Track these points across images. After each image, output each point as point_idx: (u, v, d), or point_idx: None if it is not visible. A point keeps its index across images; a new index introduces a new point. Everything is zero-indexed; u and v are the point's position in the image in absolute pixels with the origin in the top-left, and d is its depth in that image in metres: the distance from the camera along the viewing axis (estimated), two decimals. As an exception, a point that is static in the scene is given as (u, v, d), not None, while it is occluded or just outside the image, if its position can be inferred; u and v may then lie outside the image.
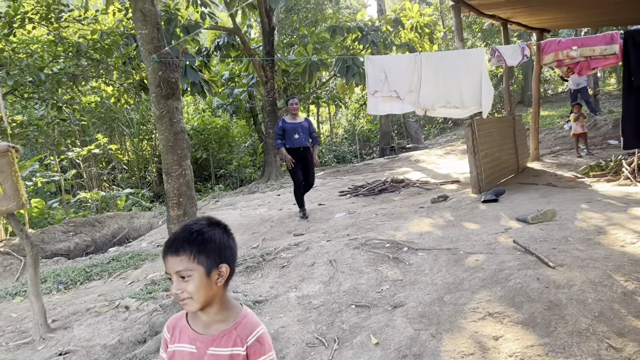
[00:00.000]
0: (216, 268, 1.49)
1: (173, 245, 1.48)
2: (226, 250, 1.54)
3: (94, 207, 12.05)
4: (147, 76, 4.01)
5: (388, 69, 5.61)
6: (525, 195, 6.45)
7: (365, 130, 24.41)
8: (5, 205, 3.31)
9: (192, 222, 1.56)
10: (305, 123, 7.15)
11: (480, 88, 5.63)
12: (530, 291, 3.43)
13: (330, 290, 4.20)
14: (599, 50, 4.97)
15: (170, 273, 1.48)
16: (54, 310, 5.04)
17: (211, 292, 1.49)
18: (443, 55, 6.06)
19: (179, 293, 1.46)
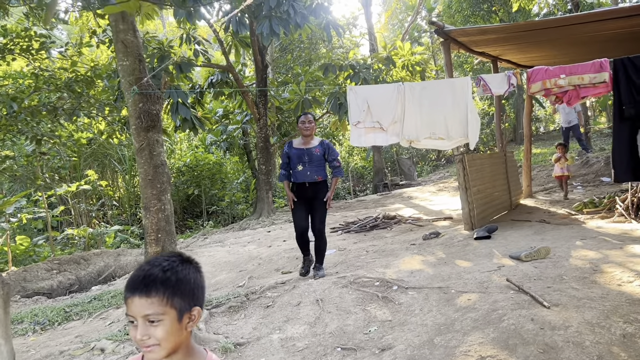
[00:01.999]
0: (188, 311, 1.34)
1: (142, 284, 1.30)
2: (199, 292, 1.39)
3: (81, 244, 11.79)
4: (128, 108, 3.92)
5: (371, 99, 5.53)
6: (519, 232, 6.31)
7: (359, 167, 24.40)
8: None
9: (162, 258, 1.38)
10: (319, 149, 5.27)
11: (467, 118, 5.54)
12: (524, 333, 3.25)
13: (315, 331, 3.99)
14: (588, 78, 4.92)
15: (134, 316, 1.29)
16: (27, 352, 4.79)
17: (180, 338, 1.33)
18: (427, 84, 6.00)
19: (145, 339, 1.28)
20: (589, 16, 6.77)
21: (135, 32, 3.84)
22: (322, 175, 5.29)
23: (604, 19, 6.49)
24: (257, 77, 13.84)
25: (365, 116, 5.52)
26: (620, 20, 6.37)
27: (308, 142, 5.34)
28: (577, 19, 6.75)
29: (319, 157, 5.29)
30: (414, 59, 14.62)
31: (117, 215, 16.15)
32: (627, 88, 4.26)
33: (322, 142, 5.38)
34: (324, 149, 5.32)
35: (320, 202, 5.28)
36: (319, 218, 5.36)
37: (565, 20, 6.71)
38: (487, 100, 22.54)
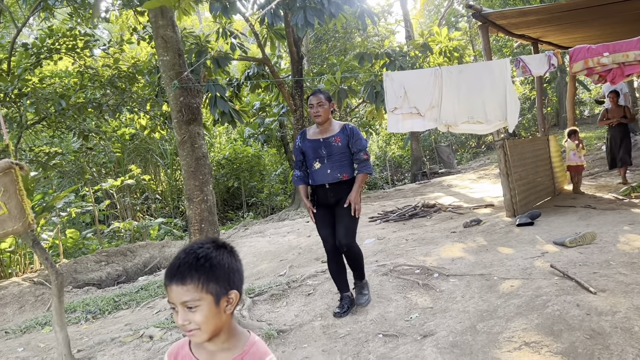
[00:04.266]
0: (225, 295, 1.38)
1: (178, 273, 1.35)
2: (235, 275, 1.42)
3: (127, 236, 12.19)
4: (169, 102, 4.02)
5: (407, 85, 5.45)
6: (563, 218, 6.16)
7: (396, 156, 24.24)
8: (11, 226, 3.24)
9: (197, 245, 1.42)
10: (340, 137, 3.97)
11: (506, 101, 5.39)
12: (569, 318, 3.19)
13: (356, 318, 4.03)
14: (633, 55, 4.72)
15: (174, 303, 1.35)
16: (81, 340, 5.01)
17: (220, 321, 1.38)
18: (465, 68, 5.86)
19: (186, 324, 1.34)
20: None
21: (175, 27, 3.93)
22: (347, 173, 3.98)
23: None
24: (292, 68, 13.89)
25: (402, 102, 5.46)
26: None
27: (325, 131, 4.03)
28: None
29: (340, 149, 3.97)
30: (451, 45, 14.38)
31: (160, 208, 16.60)
32: None
33: (345, 128, 4.02)
34: (347, 136, 3.98)
35: (345, 208, 3.93)
36: (344, 229, 3.94)
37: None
38: (528, 85, 21.94)
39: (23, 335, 5.45)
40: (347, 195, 3.94)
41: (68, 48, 7.05)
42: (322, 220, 4.08)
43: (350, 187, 3.98)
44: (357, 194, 3.93)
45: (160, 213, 16.00)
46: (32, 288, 7.36)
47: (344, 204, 3.93)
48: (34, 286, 7.46)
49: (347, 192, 3.96)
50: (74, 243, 10.74)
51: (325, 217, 4.07)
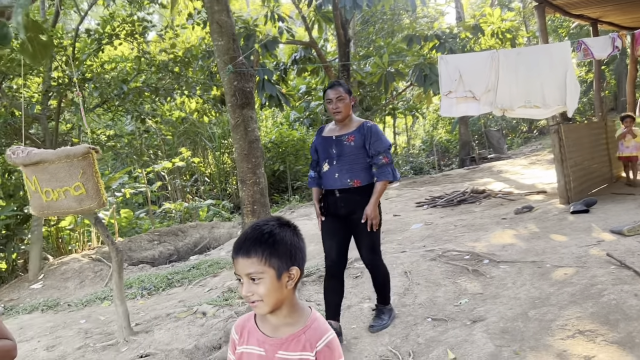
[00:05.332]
0: (287, 271, 1.45)
1: (244, 247, 1.44)
2: (297, 252, 1.49)
3: (177, 217, 12.58)
4: (224, 86, 4.11)
5: (463, 68, 5.35)
6: (620, 206, 5.94)
7: (443, 141, 23.86)
8: (88, 204, 3.49)
9: (262, 222, 1.51)
10: (354, 136, 3.44)
11: (565, 84, 5.22)
12: (627, 308, 3.12)
13: (405, 302, 4.05)
14: None
15: (240, 275, 1.45)
16: (138, 314, 5.25)
17: (281, 295, 1.45)
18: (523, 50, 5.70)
19: (249, 295, 1.43)
20: None
21: (229, 12, 4.00)
22: (360, 179, 3.41)
23: None
24: (339, 51, 13.83)
25: (457, 85, 5.37)
26: None
27: (342, 128, 3.53)
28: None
29: (353, 150, 3.43)
30: (503, 26, 13.95)
31: (209, 190, 17.01)
32: None
33: (363, 126, 3.48)
34: (363, 135, 3.43)
35: (363, 223, 3.40)
36: (366, 245, 3.52)
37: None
38: (585, 67, 21.06)
39: (84, 309, 5.76)
40: (361, 208, 3.39)
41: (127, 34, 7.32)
42: (328, 230, 3.56)
43: (364, 197, 3.40)
44: (374, 207, 3.36)
45: (209, 195, 16.40)
46: (91, 264, 7.74)
47: (358, 218, 3.41)
48: (93, 262, 7.84)
49: (361, 203, 3.40)
50: (128, 222, 11.19)
51: (333, 228, 3.52)
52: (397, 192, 11.52)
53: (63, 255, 8.57)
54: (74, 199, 3.55)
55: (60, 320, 5.32)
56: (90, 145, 3.39)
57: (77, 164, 3.49)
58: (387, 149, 3.48)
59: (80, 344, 4.46)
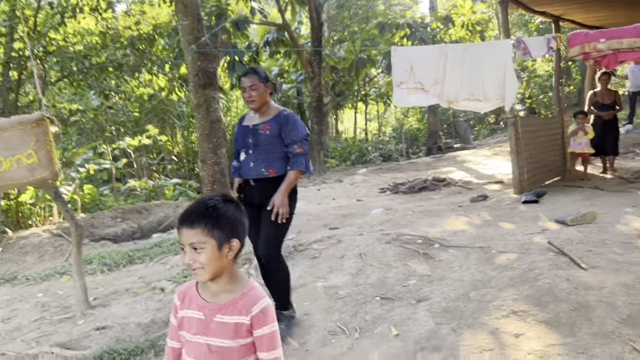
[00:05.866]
0: (228, 242, 1.58)
1: (189, 218, 1.57)
2: (238, 226, 1.63)
3: (142, 195, 12.50)
4: (187, 66, 4.16)
5: (414, 60, 5.54)
6: (568, 198, 6.25)
7: (413, 129, 24.16)
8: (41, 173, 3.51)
9: (208, 197, 1.65)
10: (270, 125, 3.35)
11: (504, 80, 5.48)
12: (558, 291, 3.35)
13: (357, 282, 4.22)
14: (627, 42, 4.75)
15: (183, 244, 1.57)
16: (97, 289, 5.29)
17: (221, 264, 1.58)
18: (470, 46, 5.94)
19: (192, 263, 1.56)
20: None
21: (194, -8, 4.03)
22: (275, 169, 3.33)
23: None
24: (312, 34, 13.86)
25: (408, 77, 5.56)
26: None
27: (260, 116, 3.42)
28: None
29: (268, 139, 3.34)
30: (474, 18, 14.18)
31: (176, 169, 16.88)
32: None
33: (279, 115, 3.38)
34: (279, 124, 3.33)
35: (268, 212, 3.24)
36: (264, 237, 3.30)
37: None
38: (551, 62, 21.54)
39: (42, 283, 5.76)
40: (264, 195, 3.30)
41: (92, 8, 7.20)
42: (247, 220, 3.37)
43: (268, 186, 3.29)
44: (282, 196, 3.22)
45: (176, 174, 16.28)
46: (51, 239, 7.69)
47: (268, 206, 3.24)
48: (53, 237, 7.79)
49: (267, 192, 3.29)
50: (91, 199, 11.08)
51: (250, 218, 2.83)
52: (362, 178, 11.72)
53: (23, 229, 8.47)
54: (26, 168, 3.55)
55: (17, 293, 5.32)
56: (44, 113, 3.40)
57: (31, 131, 3.50)
58: (303, 138, 3.38)
59: (37, 316, 4.50)
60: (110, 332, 4.00)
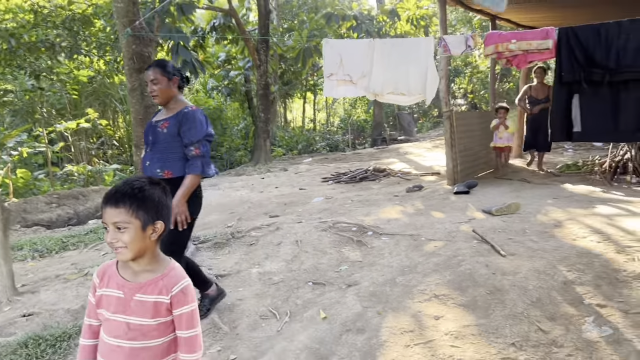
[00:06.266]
0: (152, 224, 1.61)
1: (113, 198, 1.58)
2: (163, 209, 1.66)
3: (80, 180, 12.12)
4: (122, 49, 4.09)
5: (344, 52, 5.70)
6: (497, 189, 6.58)
7: (360, 120, 24.48)
8: None
9: (134, 178, 1.67)
10: (169, 122, 3.17)
11: (426, 76, 5.76)
12: (477, 276, 3.56)
13: (291, 268, 4.32)
14: (535, 44, 5.08)
15: (107, 223, 1.58)
16: (26, 276, 5.14)
17: (144, 244, 1.61)
18: (396, 42, 6.18)
19: (114, 242, 1.57)
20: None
21: (130, -26, 3.96)
22: (172, 170, 3.15)
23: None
24: (259, 22, 13.79)
25: (338, 69, 5.71)
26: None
27: (165, 112, 3.26)
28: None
29: (166, 137, 3.16)
30: (419, 13, 14.50)
31: (117, 155, 16.43)
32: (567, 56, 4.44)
33: (180, 112, 3.16)
34: (179, 122, 3.14)
35: None
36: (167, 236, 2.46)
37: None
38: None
39: (-33, 269, 5.51)
40: None
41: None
42: None
43: (175, 190, 2.98)
44: (179, 202, 3.01)
45: (117, 159, 15.85)
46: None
47: None
48: (-19, 223, 7.44)
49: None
50: (24, 183, 10.64)
51: None
52: (307, 167, 11.83)
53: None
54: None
55: (-62, 279, 5.08)
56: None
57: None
58: (202, 138, 3.15)
59: (-41, 303, 4.33)
60: (37, 319, 3.92)
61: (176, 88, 3.25)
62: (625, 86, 4.24)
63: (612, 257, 3.67)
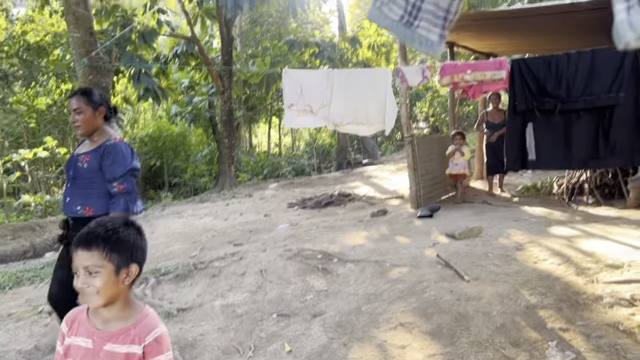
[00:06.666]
0: (126, 267, 1.53)
1: (85, 240, 1.50)
2: (138, 251, 1.58)
3: (37, 211, 11.71)
4: (78, 79, 4.01)
5: (304, 83, 5.76)
6: (459, 212, 6.67)
7: (326, 144, 24.62)
8: None
9: (108, 219, 1.60)
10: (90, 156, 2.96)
11: (385, 106, 5.88)
12: (442, 303, 3.56)
13: (255, 299, 4.23)
14: (489, 75, 5.27)
15: (77, 267, 1.49)
16: (-25, 315, 4.88)
17: (117, 289, 1.53)
18: (353, 72, 6.31)
19: (84, 287, 1.48)
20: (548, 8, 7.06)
21: (87, 4, 3.90)
22: (94, 207, 2.92)
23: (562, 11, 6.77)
24: (222, 49, 13.81)
25: (298, 99, 5.76)
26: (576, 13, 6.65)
27: (90, 144, 3.04)
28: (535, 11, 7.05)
29: (87, 172, 2.94)
30: (380, 40, 14.79)
31: (77, 183, 15.95)
32: (520, 86, 4.61)
33: (102, 146, 2.95)
34: (100, 156, 2.93)
35: None
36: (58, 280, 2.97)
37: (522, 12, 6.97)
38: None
39: None
40: None
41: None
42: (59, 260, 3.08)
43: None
44: None
45: (77, 188, 15.39)
46: None
47: None
48: None
49: None
50: (-23, 215, 10.20)
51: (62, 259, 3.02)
52: (272, 193, 11.76)
53: None
54: None
55: None
56: None
57: None
58: (125, 173, 2.92)
59: None
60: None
61: (102, 119, 3.05)
62: (576, 115, 4.40)
63: (573, 280, 3.74)
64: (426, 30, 1.61)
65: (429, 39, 1.62)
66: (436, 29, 1.61)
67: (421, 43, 1.62)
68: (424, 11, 1.60)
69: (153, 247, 6.98)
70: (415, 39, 1.62)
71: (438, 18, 1.60)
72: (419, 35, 1.62)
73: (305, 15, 18.46)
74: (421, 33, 1.62)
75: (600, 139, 4.27)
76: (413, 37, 1.62)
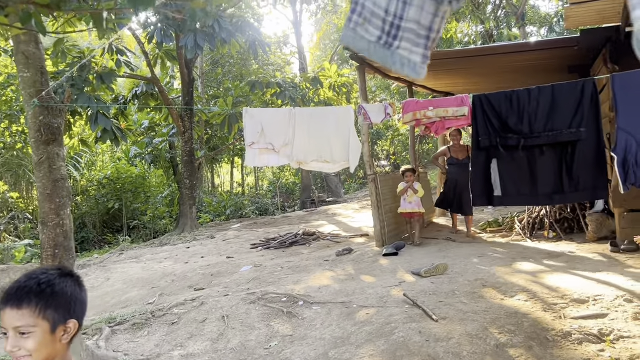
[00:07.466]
0: (63, 324, 1.35)
1: (15, 296, 1.30)
2: (77, 305, 1.40)
3: (-15, 259, 11.07)
4: (28, 120, 3.84)
5: (265, 121, 5.73)
6: (424, 249, 6.65)
7: (289, 183, 24.54)
8: None
9: (41, 271, 1.39)
10: None
11: (348, 144, 5.90)
12: (411, 344, 3.46)
13: (217, 347, 4.03)
14: (451, 111, 5.37)
15: (6, 328, 1.29)
16: None
17: (54, 350, 1.34)
18: (315, 111, 6.35)
19: (15, 351, 1.28)
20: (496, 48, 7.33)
21: (38, 43, 3.77)
22: None
23: (511, 51, 7.04)
24: (182, 90, 13.74)
25: (259, 137, 5.70)
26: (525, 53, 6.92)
27: None
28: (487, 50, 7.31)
29: None
30: (340, 80, 15.01)
31: (30, 228, 15.29)
32: (482, 121, 4.69)
33: None
34: None
35: None
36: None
37: (472, 51, 7.23)
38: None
39: None
40: None
41: None
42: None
43: None
44: None
45: (30, 234, 14.72)
46: None
47: None
48: None
49: None
50: None
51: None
52: (235, 233, 11.52)
53: None
54: None
55: None
56: None
57: None
58: None
59: None
60: None
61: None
62: (540, 151, 4.46)
63: (540, 316, 3.71)
64: (407, 50, 1.54)
65: (411, 60, 1.55)
66: (418, 49, 1.54)
67: (403, 65, 1.54)
68: (404, 30, 1.53)
69: (108, 295, 6.65)
70: (397, 61, 1.55)
71: (420, 37, 1.53)
72: (400, 57, 1.55)
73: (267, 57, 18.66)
74: (402, 54, 1.55)
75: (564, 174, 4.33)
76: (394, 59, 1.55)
